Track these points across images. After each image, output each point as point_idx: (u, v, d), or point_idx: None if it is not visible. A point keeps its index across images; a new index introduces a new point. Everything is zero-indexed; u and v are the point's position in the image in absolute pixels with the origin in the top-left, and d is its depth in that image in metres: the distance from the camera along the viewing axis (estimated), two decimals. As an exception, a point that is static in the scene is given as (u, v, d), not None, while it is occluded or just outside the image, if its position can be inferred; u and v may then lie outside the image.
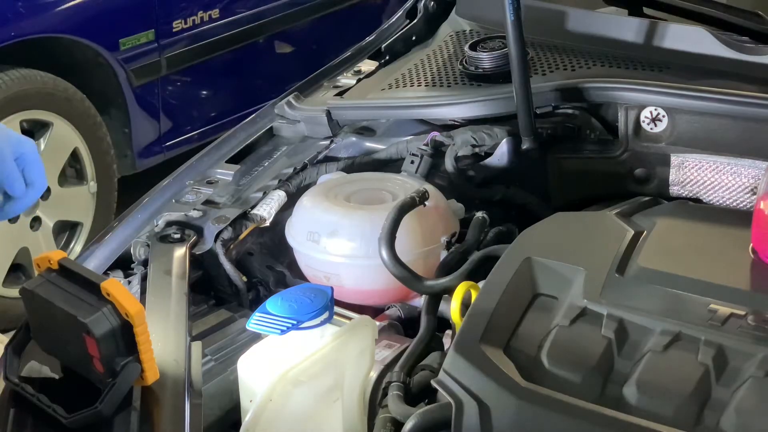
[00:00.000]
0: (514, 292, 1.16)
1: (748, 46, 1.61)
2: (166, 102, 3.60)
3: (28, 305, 1.13)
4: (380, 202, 1.47)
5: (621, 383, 1.03)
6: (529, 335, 1.11)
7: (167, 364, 1.14)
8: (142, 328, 1.06)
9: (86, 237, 3.39)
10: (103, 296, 1.06)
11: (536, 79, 1.64)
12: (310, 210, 1.47)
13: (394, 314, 1.41)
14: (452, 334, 1.26)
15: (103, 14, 3.25)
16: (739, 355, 1.02)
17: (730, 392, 0.99)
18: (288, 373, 1.13)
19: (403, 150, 1.67)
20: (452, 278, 1.29)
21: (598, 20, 1.79)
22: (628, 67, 1.65)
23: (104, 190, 3.44)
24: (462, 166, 1.61)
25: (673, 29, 1.68)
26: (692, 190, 1.51)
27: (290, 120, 1.80)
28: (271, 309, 1.19)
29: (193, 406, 1.11)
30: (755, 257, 1.18)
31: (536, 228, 1.29)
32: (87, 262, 1.48)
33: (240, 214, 1.53)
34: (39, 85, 3.17)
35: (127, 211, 1.58)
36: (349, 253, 1.40)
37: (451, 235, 1.43)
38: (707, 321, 1.06)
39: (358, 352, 1.21)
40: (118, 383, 1.06)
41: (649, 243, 1.22)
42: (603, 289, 1.12)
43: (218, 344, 1.35)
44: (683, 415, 0.99)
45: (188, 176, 1.65)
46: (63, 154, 3.31)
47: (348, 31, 3.89)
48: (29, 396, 1.11)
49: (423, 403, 1.15)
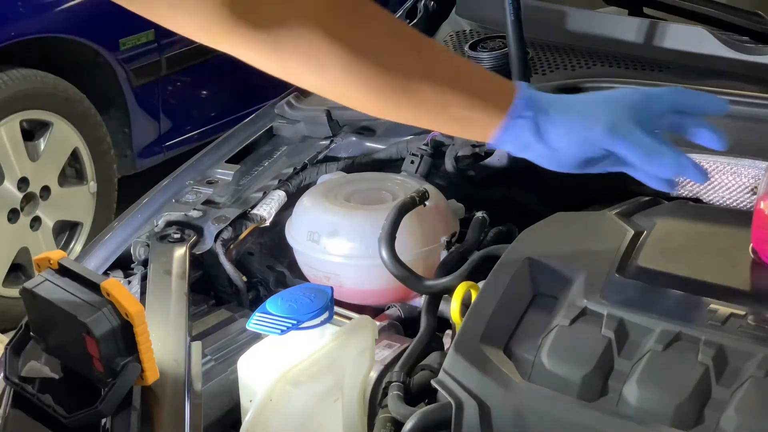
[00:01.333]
0: (514, 292, 1.16)
1: (748, 46, 1.61)
2: (166, 102, 3.60)
3: (28, 305, 1.13)
4: (380, 202, 1.47)
5: (621, 383, 1.03)
6: (529, 335, 1.11)
7: (167, 364, 1.14)
8: (142, 328, 1.06)
9: (86, 237, 3.39)
10: (103, 296, 1.06)
11: (536, 79, 1.64)
12: (310, 210, 1.47)
13: (394, 314, 1.41)
14: (452, 334, 1.26)
15: (103, 14, 3.25)
16: (739, 355, 1.02)
17: (730, 392, 0.99)
18: (288, 373, 1.13)
19: (403, 150, 1.67)
20: (452, 278, 1.29)
21: (598, 20, 1.79)
22: (628, 67, 1.65)
23: (104, 190, 3.45)
24: (462, 166, 1.61)
25: (673, 29, 1.68)
26: (692, 190, 1.51)
27: (290, 120, 1.80)
28: (271, 309, 1.19)
29: (193, 406, 1.11)
30: (755, 257, 1.18)
31: (536, 228, 1.29)
32: (87, 262, 1.48)
33: (240, 214, 1.53)
34: (39, 85, 3.17)
35: (127, 211, 1.58)
36: (349, 253, 1.40)
37: (451, 235, 1.43)
38: (707, 321, 1.06)
39: (358, 352, 1.21)
40: (118, 383, 1.06)
41: (649, 243, 1.22)
42: (603, 289, 1.12)
43: (218, 344, 1.35)
44: (683, 415, 0.99)
45: (188, 176, 1.65)
46: (63, 154, 3.32)
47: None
48: (29, 396, 1.11)
49: (423, 403, 1.15)
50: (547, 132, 1.11)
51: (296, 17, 1.05)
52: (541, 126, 1.11)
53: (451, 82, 1.11)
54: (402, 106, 1.12)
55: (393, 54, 1.09)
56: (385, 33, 1.10)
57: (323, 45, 1.06)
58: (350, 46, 1.06)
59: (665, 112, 1.13)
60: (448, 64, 1.13)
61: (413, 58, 1.11)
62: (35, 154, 3.23)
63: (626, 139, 1.09)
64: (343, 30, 1.06)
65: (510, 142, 1.13)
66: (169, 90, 3.58)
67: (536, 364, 1.08)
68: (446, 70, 1.12)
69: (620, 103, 1.11)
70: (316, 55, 1.06)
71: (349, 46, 1.06)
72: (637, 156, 1.10)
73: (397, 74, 1.09)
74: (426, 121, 1.17)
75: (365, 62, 1.07)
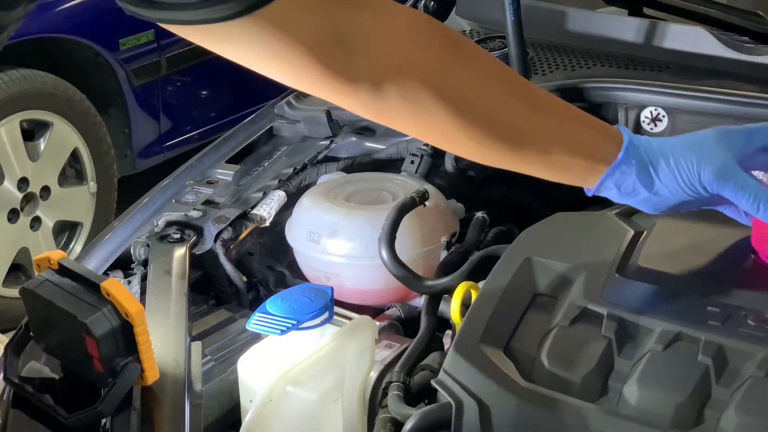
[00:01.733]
0: (514, 292, 1.16)
1: (748, 46, 1.61)
2: (166, 102, 3.60)
3: (28, 305, 1.13)
4: (380, 202, 1.47)
5: (621, 383, 1.03)
6: (529, 335, 1.11)
7: (167, 364, 1.14)
8: (142, 328, 1.06)
9: (86, 237, 3.40)
10: (103, 296, 1.06)
11: (536, 79, 1.64)
12: (310, 210, 1.47)
13: (394, 314, 1.41)
14: (452, 334, 1.26)
15: (103, 14, 3.25)
16: (739, 355, 1.02)
17: (730, 392, 0.99)
18: (288, 373, 1.13)
19: (403, 150, 1.67)
20: (452, 278, 1.29)
21: (598, 20, 1.79)
22: (628, 67, 1.65)
23: (104, 190, 3.45)
24: (462, 166, 1.61)
25: (673, 29, 1.68)
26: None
27: (290, 120, 1.79)
28: (271, 309, 1.18)
29: (193, 406, 1.11)
30: (755, 257, 1.18)
31: (536, 228, 1.29)
32: (87, 262, 1.48)
33: (240, 214, 1.53)
34: (39, 85, 3.17)
35: (127, 211, 1.58)
36: (349, 253, 1.40)
37: (451, 235, 1.43)
38: (707, 321, 1.06)
39: (358, 352, 1.21)
40: (118, 383, 1.06)
41: (649, 243, 1.22)
42: (603, 289, 1.12)
43: (218, 344, 1.35)
44: (683, 415, 0.99)
45: (188, 176, 1.65)
46: (63, 154, 3.32)
47: (348, 31, 3.88)
48: (29, 396, 1.11)
49: (423, 403, 1.15)
50: (654, 180, 1.11)
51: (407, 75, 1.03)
52: (646, 174, 1.10)
53: (558, 134, 1.10)
54: (506, 157, 1.11)
55: (501, 111, 1.08)
56: (491, 84, 1.08)
57: (429, 101, 1.04)
58: (457, 108, 1.05)
59: (764, 150, 1.12)
60: (552, 114, 1.12)
61: (520, 110, 1.09)
62: (35, 154, 3.23)
63: (736, 184, 1.08)
64: (450, 87, 1.05)
65: (613, 189, 1.13)
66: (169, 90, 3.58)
67: (536, 364, 1.08)
68: (551, 120, 1.11)
69: (725, 145, 1.10)
70: (421, 111, 1.05)
71: (456, 108, 1.05)
72: (745, 201, 1.09)
73: (505, 131, 1.08)
74: (528, 168, 1.14)
75: (473, 123, 1.06)
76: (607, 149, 1.10)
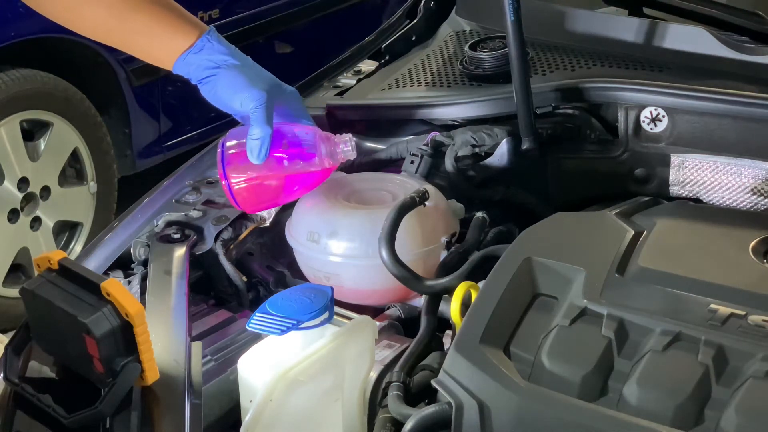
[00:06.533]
0: (514, 292, 1.16)
1: (748, 46, 1.61)
2: (166, 102, 3.60)
3: (28, 305, 1.13)
4: (380, 202, 1.47)
5: (621, 383, 1.03)
6: (529, 335, 1.11)
7: (167, 364, 1.14)
8: (142, 328, 1.06)
9: (86, 237, 3.40)
10: (103, 296, 1.06)
11: (536, 79, 1.64)
12: (310, 210, 1.47)
13: (394, 314, 1.41)
14: (452, 334, 1.26)
15: (102, 14, 3.24)
16: (739, 355, 1.02)
17: (730, 392, 0.99)
18: (288, 373, 1.13)
19: (403, 150, 1.67)
20: (452, 278, 1.29)
21: (598, 20, 1.79)
22: (628, 67, 1.65)
23: (104, 190, 3.45)
24: (462, 166, 1.61)
25: (673, 29, 1.68)
26: (692, 190, 1.51)
27: (290, 120, 1.79)
28: (271, 309, 1.19)
29: (193, 406, 1.11)
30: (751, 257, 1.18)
31: (536, 228, 1.29)
32: (87, 262, 1.48)
33: (240, 214, 1.53)
34: (39, 85, 3.17)
35: (127, 211, 1.58)
36: (349, 254, 1.40)
37: (451, 235, 1.43)
38: (707, 321, 1.06)
39: (358, 352, 1.21)
40: (118, 383, 1.06)
41: (649, 243, 1.22)
42: (603, 289, 1.12)
43: (218, 344, 1.35)
44: (683, 415, 0.99)
45: (188, 176, 1.65)
46: (63, 154, 3.32)
47: (348, 31, 3.89)
48: (29, 396, 1.11)
49: (423, 403, 1.15)
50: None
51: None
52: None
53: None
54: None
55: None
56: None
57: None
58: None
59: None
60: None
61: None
62: (35, 154, 3.23)
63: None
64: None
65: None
66: (169, 90, 3.58)
67: (536, 364, 1.08)
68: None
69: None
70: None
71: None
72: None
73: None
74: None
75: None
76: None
